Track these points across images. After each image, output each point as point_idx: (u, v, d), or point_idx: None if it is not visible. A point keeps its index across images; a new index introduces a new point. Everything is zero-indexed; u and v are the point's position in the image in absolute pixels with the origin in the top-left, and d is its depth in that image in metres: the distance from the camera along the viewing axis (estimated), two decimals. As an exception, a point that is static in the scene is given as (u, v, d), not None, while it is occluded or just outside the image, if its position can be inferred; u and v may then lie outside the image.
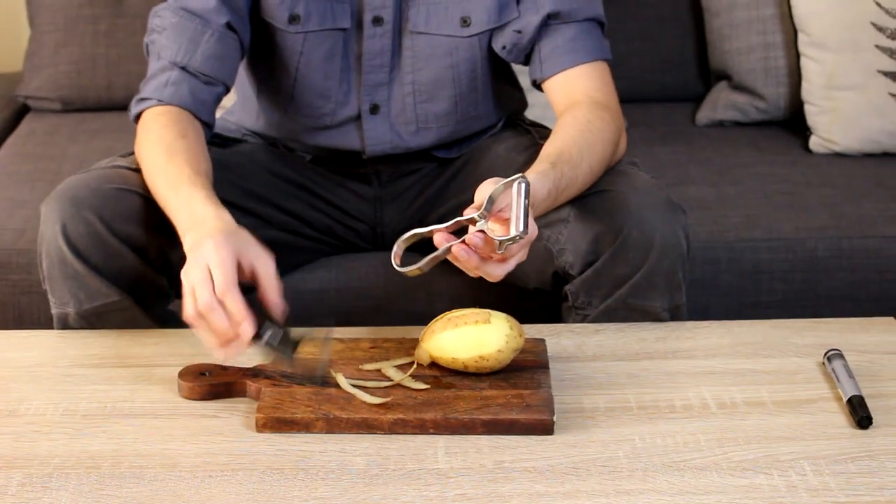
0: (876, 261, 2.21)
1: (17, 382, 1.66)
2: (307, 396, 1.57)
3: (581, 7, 1.97)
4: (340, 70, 2.01)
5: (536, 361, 1.65)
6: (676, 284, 1.82)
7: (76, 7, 2.73)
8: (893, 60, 2.52)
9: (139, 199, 1.81)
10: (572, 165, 1.76)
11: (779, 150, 2.57)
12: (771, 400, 1.61)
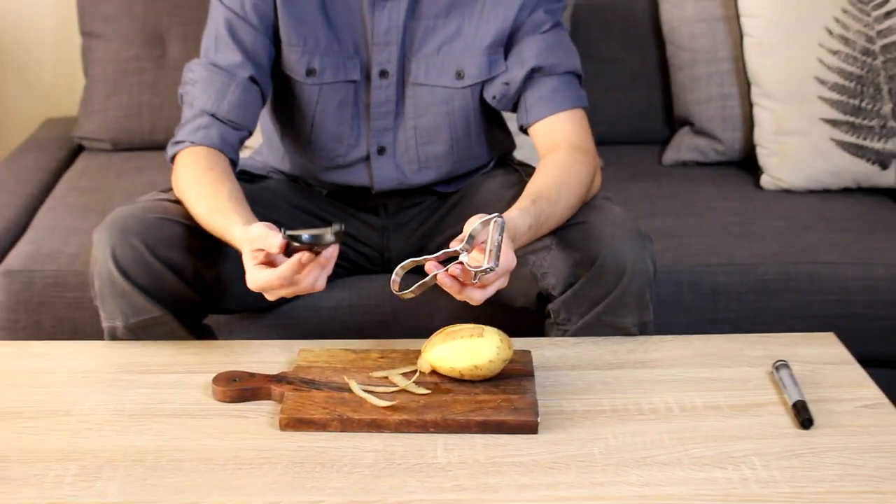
0: (818, 284, 2.21)
1: (72, 386, 1.67)
2: (324, 400, 1.57)
3: (561, 62, 1.98)
4: (352, 117, 2.02)
5: (523, 370, 1.66)
6: (645, 304, 1.82)
7: (124, 61, 2.74)
8: (834, 110, 2.52)
9: (178, 227, 1.82)
10: (551, 202, 1.77)
11: (734, 187, 2.57)
12: (726, 404, 1.61)
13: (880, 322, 2.22)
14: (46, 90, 3.08)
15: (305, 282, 1.58)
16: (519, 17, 1.97)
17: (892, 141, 2.51)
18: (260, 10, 1.94)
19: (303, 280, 1.58)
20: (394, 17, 1.96)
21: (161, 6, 2.74)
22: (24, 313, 2.13)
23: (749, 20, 2.60)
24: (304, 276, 1.58)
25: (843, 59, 2.53)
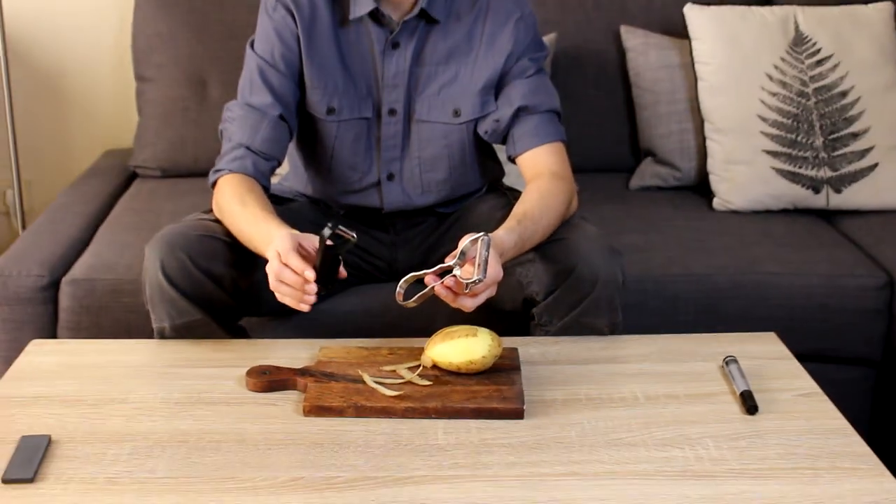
0: (762, 290, 2.21)
1: (127, 378, 1.67)
2: (341, 390, 1.57)
3: (543, 102, 1.98)
4: (365, 149, 2.02)
5: (511, 365, 1.66)
6: (615, 308, 1.82)
7: (172, 101, 2.74)
8: (774, 143, 2.52)
9: (217, 243, 1.82)
10: (534, 222, 1.78)
11: (690, 208, 2.57)
12: (684, 394, 1.62)
13: (815, 323, 2.22)
14: (106, 126, 3.08)
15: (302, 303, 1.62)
16: (507, 64, 1.97)
17: (823, 169, 2.50)
18: (287, 59, 1.95)
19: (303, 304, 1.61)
20: (401, 63, 1.96)
21: (203, 55, 2.74)
22: (87, 316, 2.13)
23: (702, 67, 2.60)
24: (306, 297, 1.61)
25: (782, 100, 2.53)
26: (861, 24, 2.60)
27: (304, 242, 1.64)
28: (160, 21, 2.76)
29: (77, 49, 3.01)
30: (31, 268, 2.16)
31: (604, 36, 2.80)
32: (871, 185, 2.51)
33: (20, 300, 2.14)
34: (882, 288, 2.22)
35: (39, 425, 1.51)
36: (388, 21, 1.94)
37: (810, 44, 2.57)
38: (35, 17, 2.98)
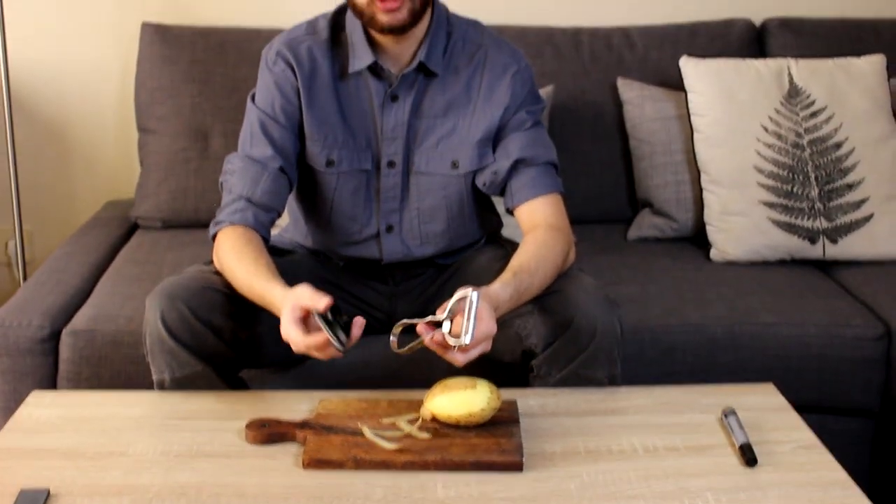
0: (759, 341, 2.20)
1: (126, 430, 1.66)
2: (340, 443, 1.57)
3: (540, 154, 1.98)
4: (364, 200, 2.02)
5: (510, 417, 1.65)
6: (613, 359, 1.82)
7: (174, 153, 2.75)
8: (770, 194, 2.52)
9: (218, 294, 1.83)
10: (530, 274, 1.78)
11: (688, 259, 2.57)
12: (683, 445, 1.61)
13: (812, 374, 2.21)
14: (108, 177, 3.09)
15: (324, 354, 1.63)
16: (504, 117, 1.98)
17: (819, 220, 2.51)
18: (287, 112, 1.96)
19: (323, 353, 1.63)
20: (399, 116, 1.97)
21: (205, 107, 2.75)
22: (87, 367, 2.12)
23: (698, 118, 2.61)
24: (326, 350, 1.62)
25: (777, 152, 2.54)
26: (854, 76, 2.62)
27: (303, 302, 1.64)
28: (163, 73, 2.78)
29: (80, 100, 3.03)
30: (32, 318, 2.16)
31: (600, 88, 2.82)
32: (866, 235, 2.52)
33: (21, 351, 2.14)
34: (880, 338, 2.22)
35: (38, 478, 1.50)
36: (387, 74, 1.95)
37: (805, 96, 2.59)
38: (39, 68, 3.00)
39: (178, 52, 2.78)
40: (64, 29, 2.98)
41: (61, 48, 2.99)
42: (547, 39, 2.85)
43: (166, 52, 2.78)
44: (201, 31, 2.83)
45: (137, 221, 2.80)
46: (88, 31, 2.98)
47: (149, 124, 2.79)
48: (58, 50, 2.99)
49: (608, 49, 2.86)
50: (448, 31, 1.99)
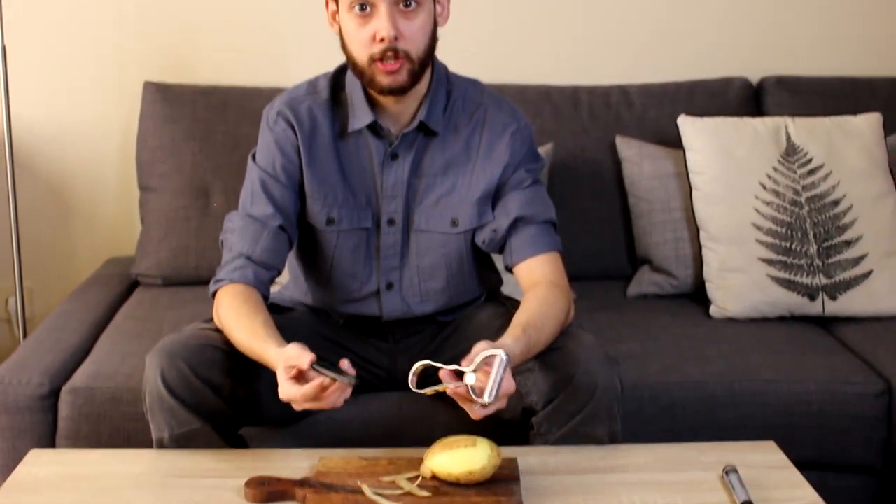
0: (760, 398, 2.20)
1: (125, 488, 1.66)
2: (340, 501, 1.57)
3: (539, 213, 1.99)
4: (364, 258, 2.02)
5: (510, 475, 1.65)
6: (613, 416, 1.81)
7: (174, 210, 2.76)
8: (769, 251, 2.53)
9: (217, 352, 1.83)
10: (538, 330, 1.78)
11: (687, 315, 2.57)
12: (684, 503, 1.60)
13: (813, 431, 2.21)
14: (109, 234, 3.10)
15: (327, 401, 1.64)
16: (504, 176, 1.99)
17: (818, 277, 2.51)
18: (288, 171, 1.97)
19: (325, 399, 1.63)
20: (399, 174, 1.98)
21: (206, 165, 2.77)
22: (86, 424, 2.11)
23: (696, 176, 2.63)
24: (328, 396, 1.63)
25: (776, 209, 2.55)
26: (851, 134, 2.64)
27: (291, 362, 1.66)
28: (164, 131, 2.79)
29: (82, 158, 3.04)
30: (32, 376, 2.16)
31: (599, 146, 2.83)
32: (865, 292, 2.52)
33: (20, 409, 2.13)
34: (880, 395, 2.22)
35: (37, 537, 1.50)
36: (387, 133, 1.97)
37: (802, 154, 2.60)
38: (41, 125, 3.02)
39: (179, 111, 2.80)
40: (66, 87, 3.00)
41: (63, 106, 3.01)
42: (546, 98, 2.87)
43: (168, 111, 2.80)
44: (203, 89, 2.85)
45: (138, 279, 2.80)
46: (91, 90, 3.01)
47: (150, 182, 2.80)
48: (60, 108, 3.01)
49: (606, 107, 2.88)
50: (448, 89, 2.01)
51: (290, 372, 1.64)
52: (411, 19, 1.84)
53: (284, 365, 1.65)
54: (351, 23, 1.85)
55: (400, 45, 1.83)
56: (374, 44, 1.83)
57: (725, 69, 3.03)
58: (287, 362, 1.65)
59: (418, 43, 1.86)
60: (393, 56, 1.83)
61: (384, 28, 1.82)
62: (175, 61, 2.99)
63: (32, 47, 2.97)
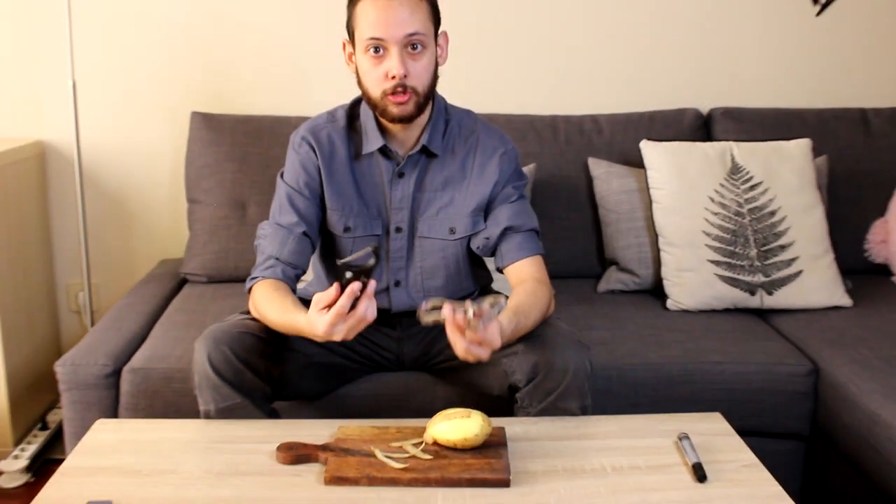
0: (708, 377, 2.21)
1: (176, 452, 1.66)
2: (356, 463, 1.57)
3: (525, 222, 2.00)
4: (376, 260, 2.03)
5: (499, 441, 1.65)
6: (585, 393, 1.82)
7: (217, 220, 2.76)
8: (716, 254, 2.53)
9: (254, 339, 1.84)
10: (525, 316, 1.79)
11: (648, 308, 2.57)
12: (644, 465, 1.61)
13: (752, 404, 2.21)
14: (161, 239, 3.10)
15: (359, 309, 1.60)
16: (494, 191, 2.00)
17: (758, 276, 2.52)
18: (311, 187, 1.98)
19: (359, 309, 1.60)
20: (406, 190, 1.99)
21: (243, 182, 2.77)
22: (143, 399, 2.12)
23: (656, 191, 2.63)
24: (359, 306, 1.60)
25: (722, 219, 2.56)
26: (785, 156, 2.65)
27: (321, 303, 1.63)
28: (208, 153, 2.80)
29: (139, 175, 3.04)
30: (98, 359, 2.17)
31: (574, 166, 2.84)
32: (797, 288, 2.53)
33: (88, 385, 2.14)
34: (808, 374, 2.23)
35: (102, 492, 1.51)
36: (395, 155, 1.98)
37: (744, 172, 2.61)
38: (105, 148, 3.02)
39: (221, 136, 2.81)
40: (126, 116, 3.01)
41: (124, 132, 3.01)
42: (529, 125, 2.88)
43: (211, 136, 2.81)
44: (240, 118, 2.85)
45: (186, 277, 2.81)
46: (147, 118, 3.01)
47: (196, 196, 2.81)
48: (121, 134, 3.01)
49: (580, 133, 2.88)
50: (446, 118, 2.01)
51: (321, 313, 1.61)
52: (417, 60, 1.85)
53: (315, 309, 1.62)
54: (366, 62, 1.86)
55: (408, 81, 1.84)
56: (387, 80, 1.84)
57: (680, 102, 3.04)
58: (316, 305, 1.62)
59: (423, 80, 1.87)
60: (402, 91, 1.84)
61: (395, 67, 1.82)
62: (217, 95, 3.00)
63: (98, 82, 2.97)
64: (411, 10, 1.82)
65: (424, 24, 1.84)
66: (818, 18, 3.06)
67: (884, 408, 1.97)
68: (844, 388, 2.12)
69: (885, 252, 2.81)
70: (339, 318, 1.60)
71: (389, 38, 1.81)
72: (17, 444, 2.69)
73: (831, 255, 2.59)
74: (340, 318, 1.60)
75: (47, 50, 2.93)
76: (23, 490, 2.58)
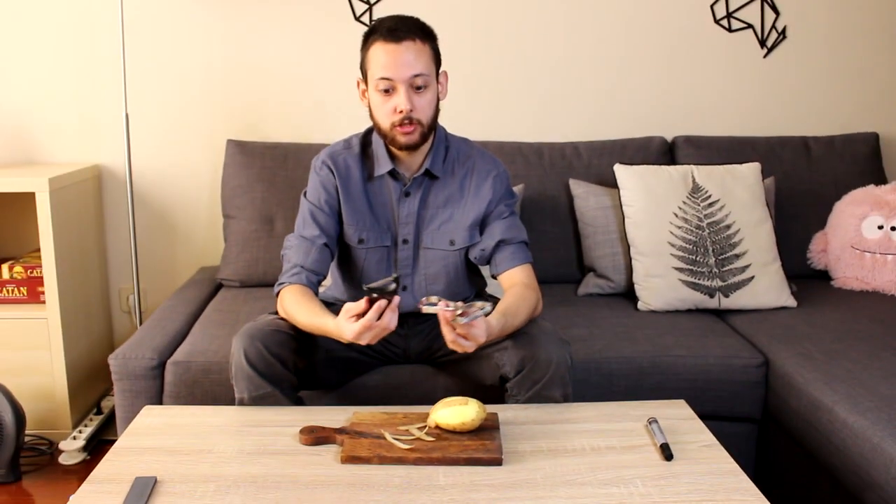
0: (673, 368, 2.19)
1: (213, 434, 1.65)
2: (369, 444, 1.56)
3: (516, 236, 1.99)
4: (385, 267, 2.02)
5: (492, 425, 1.65)
6: (567, 383, 1.81)
7: (248, 233, 2.75)
8: (680, 262, 2.52)
9: (283, 335, 1.83)
10: (513, 316, 1.79)
11: (621, 309, 2.56)
12: (619, 446, 1.60)
13: (711, 392, 2.20)
14: (201, 249, 3.10)
15: (384, 320, 1.62)
16: (489, 208, 1.99)
17: (716, 281, 2.51)
18: (330, 204, 1.97)
19: (383, 320, 1.62)
20: (411, 207, 1.98)
21: (271, 200, 2.76)
22: (184, 388, 2.11)
23: (627, 208, 2.62)
24: (384, 318, 1.61)
25: (685, 231, 2.55)
26: (738, 177, 2.64)
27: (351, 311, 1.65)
28: (241, 175, 2.79)
29: (182, 193, 3.04)
30: (145, 353, 2.16)
31: (557, 186, 2.83)
32: (750, 291, 2.52)
33: (136, 376, 2.13)
34: (760, 366, 2.21)
35: (149, 469, 1.50)
36: (402, 177, 1.97)
37: (703, 192, 2.60)
38: (153, 171, 3.02)
39: (252, 160, 2.80)
40: (172, 143, 3.01)
41: (169, 156, 3.01)
42: (518, 151, 2.87)
43: (244, 160, 2.80)
44: (269, 145, 2.85)
45: (222, 282, 2.80)
46: (189, 145, 3.01)
47: (231, 212, 2.80)
48: (167, 157, 3.01)
49: (562, 158, 2.88)
50: (446, 145, 2.01)
51: (351, 320, 1.63)
52: (422, 96, 1.85)
53: (346, 316, 1.64)
54: (378, 99, 1.86)
55: (414, 115, 1.84)
56: (395, 114, 1.84)
57: (648, 131, 3.04)
58: (346, 313, 1.64)
59: (427, 113, 1.87)
60: (409, 122, 1.84)
61: (402, 103, 1.82)
62: (249, 125, 3.00)
63: (148, 114, 2.97)
64: (416, 55, 1.82)
65: (428, 65, 1.84)
66: (766, 59, 3.06)
67: (825, 395, 1.95)
68: (791, 377, 2.10)
69: (825, 260, 2.80)
70: (366, 328, 1.62)
71: (397, 78, 1.81)
72: (76, 427, 2.68)
73: (778, 263, 2.58)
74: (367, 329, 1.62)
75: (105, 86, 2.93)
76: (80, 467, 2.57)
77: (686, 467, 1.51)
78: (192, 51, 2.95)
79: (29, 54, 2.91)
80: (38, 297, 2.69)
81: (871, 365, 2.06)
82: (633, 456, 1.56)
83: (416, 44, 1.83)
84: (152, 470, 1.50)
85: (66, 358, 2.64)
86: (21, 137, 2.96)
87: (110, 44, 2.89)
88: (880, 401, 1.85)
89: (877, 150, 2.98)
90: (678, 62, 3.04)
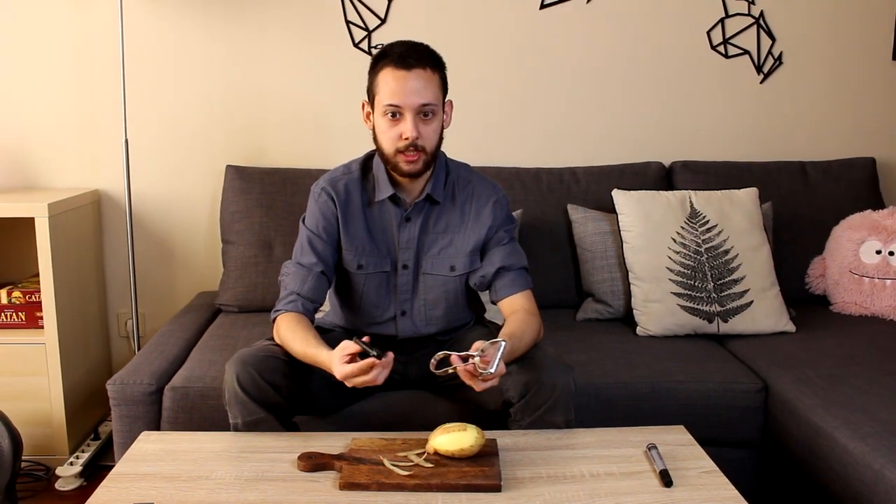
0: (673, 394, 2.19)
1: (211, 461, 1.65)
2: (367, 470, 1.55)
3: (516, 262, 1.99)
4: (385, 293, 2.02)
5: (492, 451, 1.64)
6: (568, 408, 1.80)
7: (246, 258, 2.75)
8: (678, 287, 2.53)
9: (278, 361, 1.82)
10: (519, 340, 1.79)
11: (620, 334, 2.56)
12: (618, 472, 1.60)
13: (711, 418, 2.19)
14: (199, 274, 3.09)
15: (373, 374, 1.63)
16: (489, 234, 1.99)
17: (714, 306, 2.51)
18: (328, 231, 1.97)
19: (372, 373, 1.63)
20: (412, 232, 1.98)
21: (269, 225, 2.77)
22: (182, 413, 2.10)
23: (625, 233, 2.63)
24: (374, 370, 1.63)
25: (683, 257, 2.55)
26: (736, 203, 2.65)
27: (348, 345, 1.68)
28: (240, 201, 2.80)
29: (181, 219, 3.04)
30: (143, 378, 2.15)
31: (555, 211, 2.83)
32: (748, 316, 2.52)
33: (134, 401, 2.12)
34: (759, 391, 2.21)
35: (146, 495, 1.49)
36: (403, 202, 1.97)
37: (701, 217, 2.61)
38: (152, 195, 3.02)
39: (251, 186, 2.81)
40: (171, 169, 3.01)
41: (169, 182, 3.02)
42: (517, 176, 2.88)
43: (243, 186, 2.81)
44: (268, 170, 2.86)
45: (220, 307, 2.79)
46: (188, 171, 3.01)
47: (230, 237, 2.80)
48: (166, 183, 3.02)
49: (560, 183, 2.89)
50: (447, 171, 2.01)
51: (344, 358, 1.65)
52: (428, 124, 1.86)
53: (340, 354, 1.66)
54: (384, 123, 1.86)
55: (419, 142, 1.85)
56: (401, 140, 1.85)
57: (646, 156, 3.05)
58: (342, 350, 1.66)
59: (432, 141, 1.88)
60: (413, 150, 1.85)
61: (409, 130, 1.83)
62: (248, 151, 3.01)
63: (147, 140, 2.98)
64: (425, 83, 1.82)
65: (436, 94, 1.85)
66: (762, 85, 3.07)
67: (825, 420, 1.95)
68: (791, 403, 2.10)
69: (823, 285, 2.81)
70: (354, 376, 1.64)
71: (405, 106, 1.82)
72: (73, 453, 2.66)
73: (777, 288, 2.58)
74: (355, 376, 1.64)
75: (105, 112, 2.94)
76: (77, 493, 2.55)
77: (686, 493, 1.50)
78: (192, 77, 2.96)
79: (29, 80, 2.93)
80: (37, 322, 2.68)
81: (870, 390, 2.05)
82: (632, 482, 1.55)
83: (426, 72, 1.83)
84: (149, 496, 1.48)
85: (64, 383, 2.63)
86: (21, 163, 2.97)
87: (110, 70, 2.90)
88: (881, 426, 1.85)
89: (874, 175, 2.99)
90: (675, 88, 3.06)
